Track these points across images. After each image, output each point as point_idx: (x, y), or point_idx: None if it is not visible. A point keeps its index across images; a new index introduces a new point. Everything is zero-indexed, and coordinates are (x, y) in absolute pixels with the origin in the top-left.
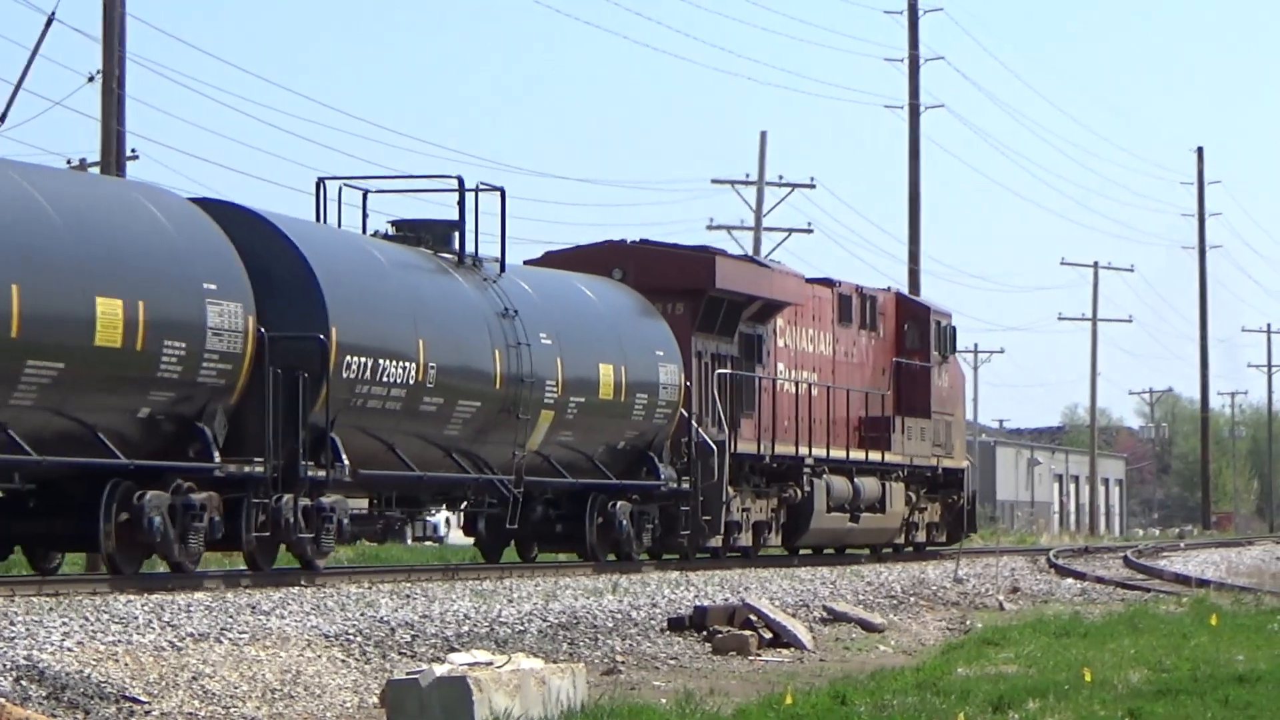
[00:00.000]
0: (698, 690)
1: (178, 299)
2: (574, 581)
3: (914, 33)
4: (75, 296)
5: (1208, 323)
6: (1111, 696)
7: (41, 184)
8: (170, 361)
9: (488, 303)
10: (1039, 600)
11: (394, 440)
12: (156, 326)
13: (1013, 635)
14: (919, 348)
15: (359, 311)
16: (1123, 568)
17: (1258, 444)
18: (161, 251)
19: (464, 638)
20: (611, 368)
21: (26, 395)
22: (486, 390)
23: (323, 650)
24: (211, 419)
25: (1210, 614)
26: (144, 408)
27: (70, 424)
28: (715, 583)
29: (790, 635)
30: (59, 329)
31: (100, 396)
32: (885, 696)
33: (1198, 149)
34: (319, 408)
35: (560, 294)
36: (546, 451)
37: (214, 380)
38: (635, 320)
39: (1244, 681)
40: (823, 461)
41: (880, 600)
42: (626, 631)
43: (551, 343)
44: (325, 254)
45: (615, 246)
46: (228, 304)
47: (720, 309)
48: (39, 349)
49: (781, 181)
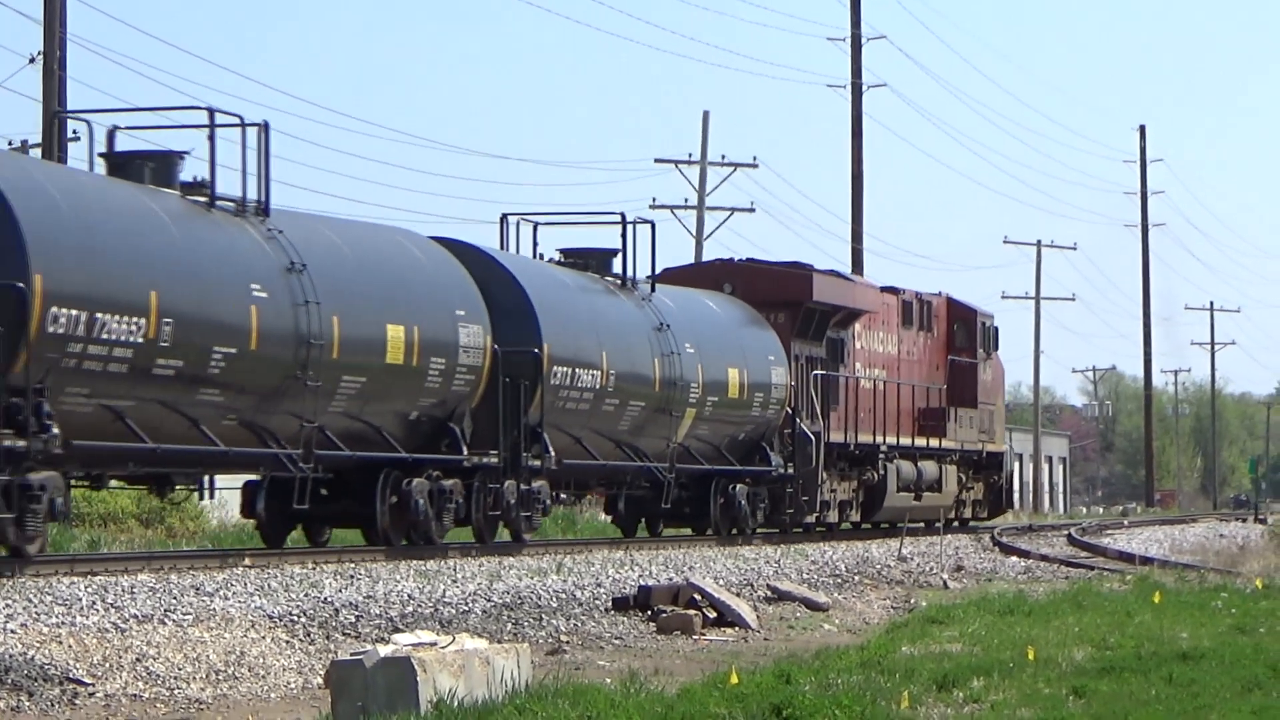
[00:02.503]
0: (642, 670)
1: (439, 323)
2: (518, 562)
3: (856, 12)
4: (373, 324)
5: (1150, 301)
6: (1056, 674)
7: (341, 232)
8: (434, 374)
9: (645, 318)
10: (983, 579)
11: (581, 435)
12: (426, 346)
13: (957, 614)
14: (966, 345)
15: (561, 329)
16: (1067, 546)
17: (1201, 421)
18: (425, 284)
19: (408, 618)
20: (737, 371)
21: (339, 403)
22: (648, 392)
23: (267, 631)
24: (460, 419)
25: (1154, 592)
26: (414, 411)
27: (363, 426)
28: (659, 562)
29: (734, 615)
30: (363, 350)
31: (386, 403)
32: (830, 676)
33: (1140, 127)
34: (534, 409)
35: (694, 309)
36: (687, 443)
37: (462, 389)
38: (751, 329)
39: (1188, 659)
40: (893, 448)
41: (825, 579)
42: (571, 611)
43: (694, 351)
44: (535, 282)
45: (725, 265)
46: (473, 326)
47: (814, 318)
48: (350, 367)
49: (724, 161)
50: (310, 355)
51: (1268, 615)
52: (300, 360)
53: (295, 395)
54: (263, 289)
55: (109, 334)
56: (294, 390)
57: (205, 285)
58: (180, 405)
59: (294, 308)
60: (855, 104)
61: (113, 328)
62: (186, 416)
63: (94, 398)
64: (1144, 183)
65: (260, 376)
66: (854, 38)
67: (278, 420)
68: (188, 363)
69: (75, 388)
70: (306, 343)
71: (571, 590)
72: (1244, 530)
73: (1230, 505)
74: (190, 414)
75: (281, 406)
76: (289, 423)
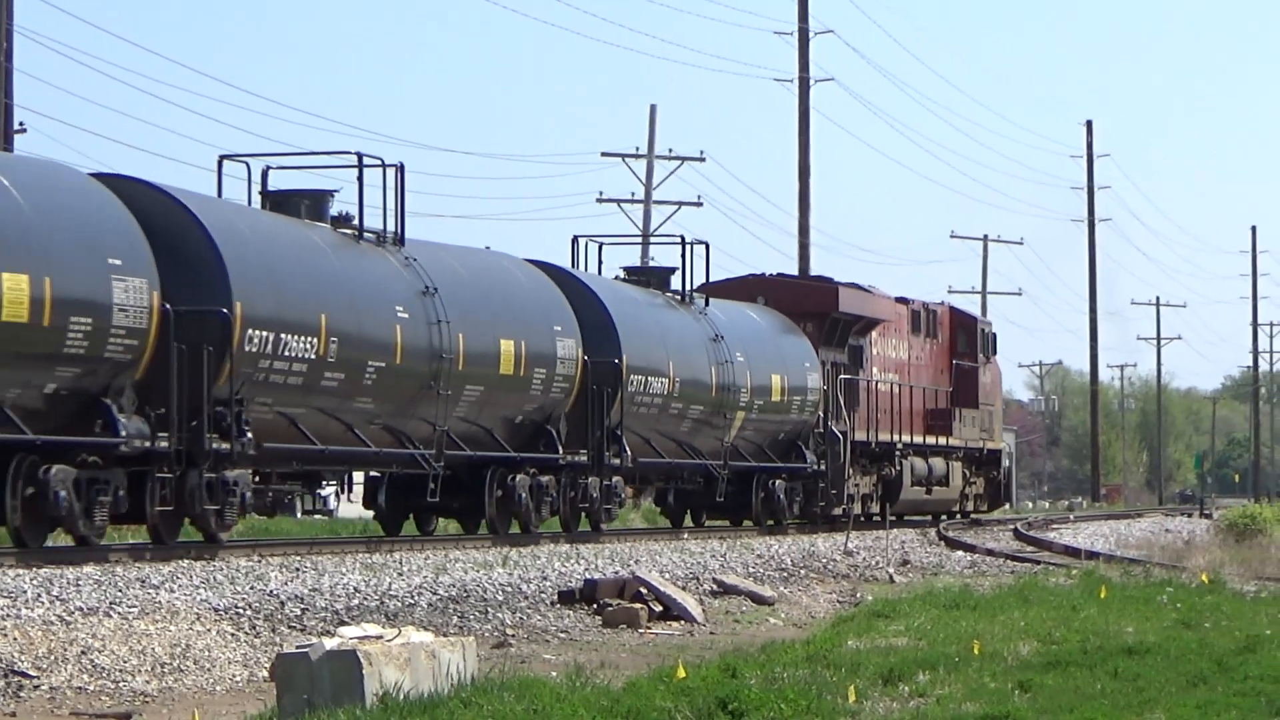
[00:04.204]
0: (588, 663)
1: (541, 338)
2: (464, 554)
3: (804, 6)
4: (490, 339)
5: (1097, 296)
6: (1001, 668)
7: (458, 258)
8: (537, 383)
9: (702, 330)
10: (929, 573)
11: (649, 436)
12: (531, 358)
13: (903, 608)
14: (968, 350)
15: (636, 341)
16: (1012, 540)
17: (1147, 416)
18: (528, 303)
19: (354, 611)
20: (779, 376)
21: (461, 409)
22: (706, 397)
23: (212, 624)
24: (556, 422)
25: (1099, 586)
26: (519, 416)
27: (478, 429)
28: (606, 555)
29: (680, 608)
30: (482, 363)
31: (497, 409)
32: (776, 669)
33: (1087, 122)
34: (614, 412)
35: (740, 320)
36: (736, 443)
37: (558, 395)
38: (788, 338)
39: (1133, 653)
40: (908, 446)
41: (770, 573)
42: (517, 605)
43: (743, 359)
44: (614, 300)
45: (758, 279)
46: (568, 340)
47: (839, 327)
48: (472, 377)
49: (671, 155)
50: (441, 368)
51: (1213, 610)
52: (433, 372)
53: (428, 402)
54: (404, 310)
55: (289, 352)
56: (427, 398)
57: (361, 308)
58: (339, 412)
59: (428, 326)
60: (802, 98)
61: (292, 346)
62: (342, 422)
63: (275, 406)
64: (1091, 177)
65: (402, 386)
66: (801, 32)
67: (412, 424)
68: (348, 375)
69: (262, 398)
70: (439, 357)
71: (517, 583)
72: (1189, 525)
73: (1176, 500)
74: (345, 419)
75: (416, 412)
76: (421, 426)
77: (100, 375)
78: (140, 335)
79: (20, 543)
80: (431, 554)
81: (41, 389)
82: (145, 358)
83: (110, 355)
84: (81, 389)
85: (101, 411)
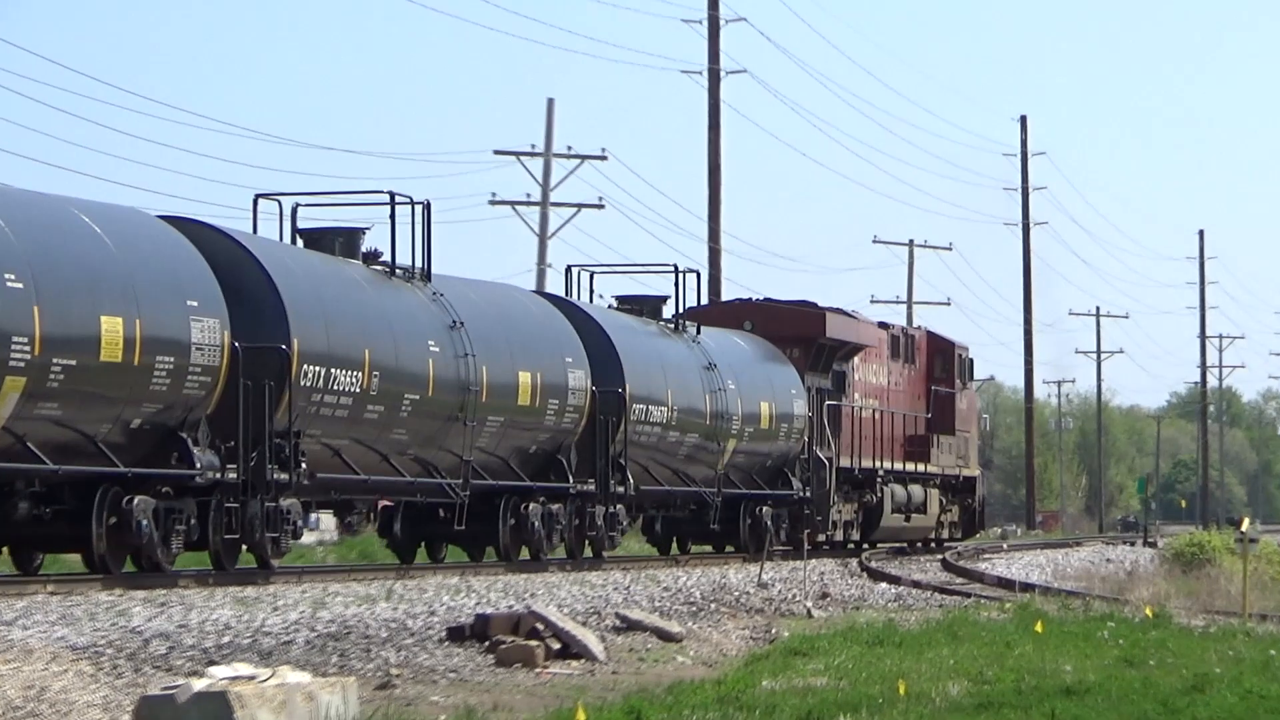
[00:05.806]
0: (479, 706)
1: (554, 369)
2: (344, 588)
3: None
4: (509, 372)
5: (1032, 306)
6: (929, 710)
7: (477, 291)
8: (550, 413)
9: (696, 358)
10: (850, 607)
11: (648, 464)
12: (546, 389)
13: (822, 645)
14: (945, 376)
15: (638, 371)
16: (941, 571)
17: (1086, 436)
18: (540, 335)
19: (225, 649)
20: (767, 404)
21: (483, 440)
22: (701, 425)
23: (70, 664)
24: (567, 452)
25: (1035, 621)
26: (533, 446)
27: (495, 459)
28: (499, 589)
29: (580, 645)
30: (503, 394)
31: (514, 439)
32: (684, 711)
33: (1021, 118)
34: (618, 441)
35: (730, 348)
36: (726, 470)
37: (569, 425)
38: (774, 365)
39: (1072, 693)
40: (888, 473)
41: (678, 607)
42: (402, 642)
43: (735, 387)
44: (618, 331)
45: (744, 304)
46: (578, 371)
47: (824, 352)
48: (494, 408)
49: (570, 153)
50: (467, 400)
51: (1158, 646)
52: (460, 404)
53: (455, 433)
54: (435, 344)
55: (338, 385)
56: (454, 429)
57: (398, 342)
58: (376, 443)
59: (456, 359)
60: (712, 91)
61: (341, 380)
62: (378, 452)
63: (323, 438)
64: (1025, 177)
65: (433, 418)
66: (711, 19)
67: (438, 454)
68: (387, 408)
69: (312, 430)
70: (466, 389)
71: (403, 619)
72: (1132, 554)
73: (1118, 527)
74: (381, 450)
75: (443, 443)
76: (446, 457)
77: (178, 410)
78: (213, 372)
79: (105, 569)
80: (309, 588)
81: (128, 424)
82: (217, 393)
83: (188, 391)
84: (161, 423)
85: (177, 444)
